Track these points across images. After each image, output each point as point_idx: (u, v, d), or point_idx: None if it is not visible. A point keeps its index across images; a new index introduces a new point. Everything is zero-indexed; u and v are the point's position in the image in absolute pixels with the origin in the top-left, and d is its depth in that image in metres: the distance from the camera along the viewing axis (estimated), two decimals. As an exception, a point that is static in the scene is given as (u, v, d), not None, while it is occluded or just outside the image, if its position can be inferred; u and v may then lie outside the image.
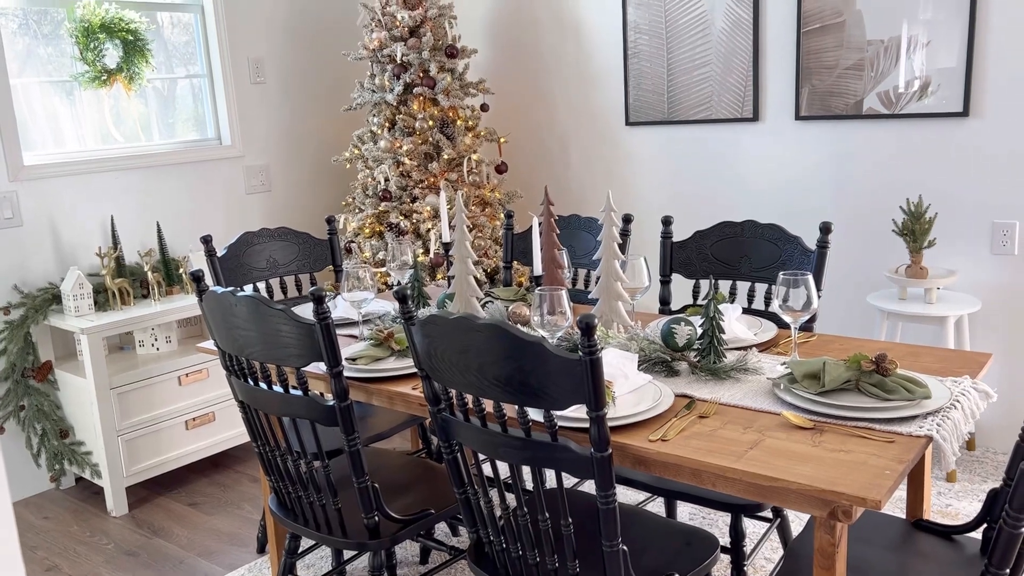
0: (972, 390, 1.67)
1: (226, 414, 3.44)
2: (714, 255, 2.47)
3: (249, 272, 2.75)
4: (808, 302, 1.79)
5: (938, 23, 3.02)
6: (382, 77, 3.82)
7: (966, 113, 3.03)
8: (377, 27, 3.81)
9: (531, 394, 1.48)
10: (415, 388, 1.91)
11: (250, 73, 3.88)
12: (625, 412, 1.61)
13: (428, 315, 1.58)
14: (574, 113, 4.07)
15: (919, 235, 2.96)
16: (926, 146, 3.14)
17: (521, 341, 1.44)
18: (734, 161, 3.60)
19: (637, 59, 3.79)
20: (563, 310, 1.86)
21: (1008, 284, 3.06)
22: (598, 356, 1.40)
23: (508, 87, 4.26)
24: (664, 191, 3.84)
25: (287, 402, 1.87)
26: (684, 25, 3.62)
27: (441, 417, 1.69)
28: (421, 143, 3.80)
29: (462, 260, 2.19)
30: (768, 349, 2.01)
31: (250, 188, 3.92)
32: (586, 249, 2.77)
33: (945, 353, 1.90)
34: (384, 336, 2.10)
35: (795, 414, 1.59)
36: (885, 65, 3.16)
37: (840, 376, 1.63)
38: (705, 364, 1.83)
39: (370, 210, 3.84)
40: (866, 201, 3.31)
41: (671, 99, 3.72)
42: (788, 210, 3.49)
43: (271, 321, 1.79)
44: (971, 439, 3.18)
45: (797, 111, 3.38)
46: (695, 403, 1.69)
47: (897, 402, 1.56)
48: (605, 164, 4.02)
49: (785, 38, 3.37)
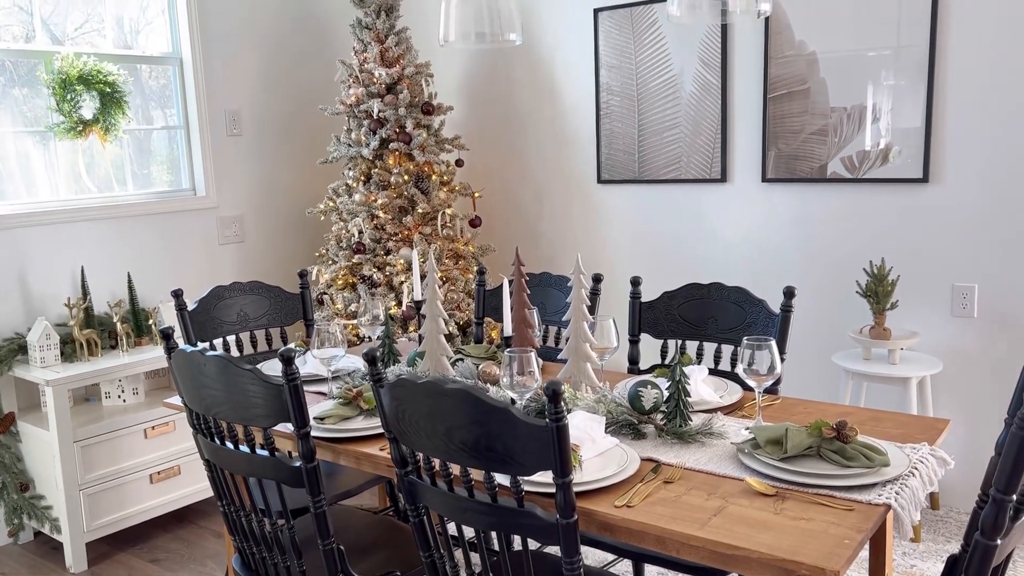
0: (930, 457, 1.70)
1: (192, 467, 3.39)
2: (681, 316, 2.51)
3: (219, 326, 2.74)
4: (772, 367, 1.83)
5: (899, 92, 3.13)
6: (358, 132, 3.87)
7: (926, 179, 3.13)
8: (355, 83, 3.87)
9: (498, 459, 1.49)
10: (383, 449, 1.91)
11: (227, 125, 3.91)
12: (591, 477, 1.63)
13: (397, 378, 1.59)
14: (548, 169, 4.14)
15: (882, 297, 3.03)
16: (888, 210, 3.23)
17: (488, 406, 1.45)
18: (703, 220, 3.68)
19: (609, 119, 3.88)
20: (532, 370, 1.88)
21: (968, 346, 3.13)
22: (564, 423, 1.41)
23: (483, 143, 4.33)
24: (635, 248, 3.90)
25: (253, 462, 1.85)
26: (655, 88, 3.71)
27: (408, 480, 1.69)
28: (396, 197, 3.84)
29: (433, 319, 2.21)
30: (733, 412, 2.04)
31: (223, 239, 3.93)
32: (557, 307, 2.80)
33: (905, 419, 1.94)
34: (353, 395, 2.10)
35: (758, 480, 1.61)
36: (848, 131, 3.26)
37: (802, 442, 1.66)
38: (671, 427, 1.85)
39: (343, 262, 3.86)
40: (831, 262, 3.38)
41: (642, 159, 3.81)
42: (756, 269, 3.56)
43: (239, 381, 1.78)
44: (935, 498, 3.22)
45: (764, 173, 3.47)
46: (661, 467, 1.71)
47: (857, 469, 1.59)
48: (577, 220, 4.08)
49: (752, 103, 3.47)
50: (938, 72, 3.06)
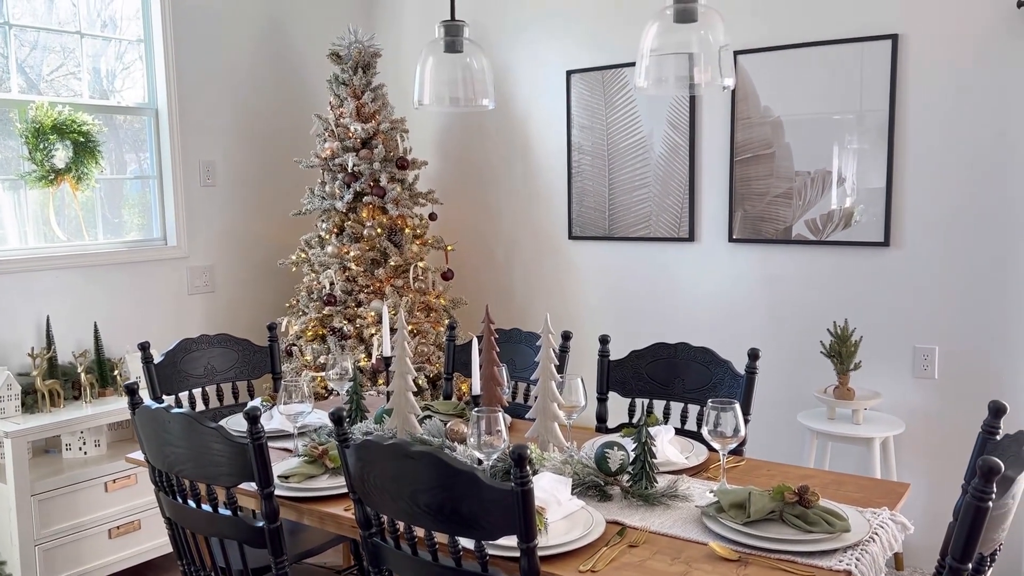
0: (890, 522, 1.72)
1: (152, 521, 3.32)
2: (649, 375, 2.53)
3: (186, 379, 2.72)
4: (736, 429, 1.85)
5: (861, 157, 3.23)
6: (333, 185, 3.90)
7: (887, 243, 3.21)
8: (330, 137, 3.91)
9: (463, 523, 1.49)
10: (347, 509, 1.90)
11: (201, 175, 3.92)
12: (557, 540, 1.63)
13: (362, 440, 1.59)
14: (520, 224, 4.19)
15: (845, 357, 3.09)
16: (851, 272, 3.30)
17: (454, 470, 1.46)
18: (672, 278, 3.73)
19: (580, 177, 3.95)
20: (499, 430, 1.88)
21: (929, 407, 3.18)
22: (530, 487, 1.42)
23: (457, 197, 4.38)
24: (605, 303, 3.94)
25: (215, 521, 1.83)
26: (625, 148, 3.80)
27: (372, 543, 1.68)
28: (368, 249, 3.85)
29: (401, 375, 2.21)
30: (699, 474, 2.05)
31: (193, 289, 3.91)
32: (526, 363, 2.81)
33: (867, 482, 1.97)
34: (318, 453, 2.09)
35: (721, 545, 1.62)
36: (812, 195, 3.35)
37: (765, 507, 1.68)
38: (637, 490, 1.86)
39: (313, 313, 3.85)
40: (796, 322, 3.44)
41: (612, 216, 3.87)
42: (723, 327, 3.61)
43: (204, 439, 1.77)
44: (899, 559, 3.24)
45: (730, 234, 3.55)
46: (626, 531, 1.71)
47: (818, 535, 1.61)
48: (549, 275, 4.12)
49: (719, 165, 3.56)
50: (897, 138, 3.16)
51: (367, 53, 3.94)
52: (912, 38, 3.10)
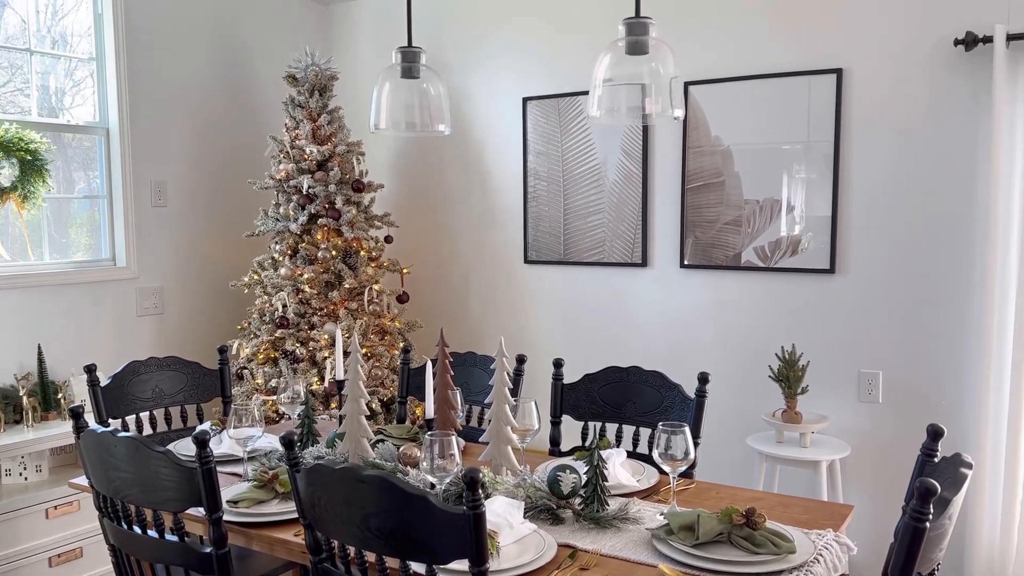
0: (834, 543, 1.76)
1: (95, 549, 3.23)
2: (602, 398, 2.56)
3: (133, 402, 2.67)
4: (686, 452, 1.88)
5: (807, 186, 3.32)
6: (287, 206, 3.88)
7: (832, 270, 3.30)
8: (285, 159, 3.90)
9: (414, 548, 1.48)
10: (297, 535, 1.88)
11: (152, 195, 3.87)
12: (508, 565, 1.63)
13: (313, 463, 1.58)
14: (476, 248, 4.21)
15: (793, 382, 3.15)
16: (798, 298, 3.38)
17: (406, 494, 1.46)
18: (625, 302, 3.78)
19: (536, 203, 3.99)
20: (452, 454, 1.89)
21: (874, 431, 3.26)
22: (482, 511, 1.43)
23: (413, 221, 4.39)
24: (559, 327, 3.97)
25: (161, 548, 1.80)
26: (580, 175, 3.85)
27: (322, 568, 1.67)
28: (323, 271, 3.83)
29: (354, 399, 2.20)
30: (649, 496, 2.08)
31: (142, 310, 3.84)
32: (481, 386, 2.82)
33: (812, 504, 2.01)
34: (268, 477, 2.06)
35: (670, 567, 1.64)
36: (760, 223, 3.43)
37: (713, 529, 1.70)
38: (588, 512, 1.87)
39: (266, 336, 3.81)
40: (745, 346, 3.51)
41: (567, 241, 3.91)
42: (675, 351, 3.66)
43: (151, 463, 1.74)
44: (846, 580, 3.29)
45: (682, 260, 3.61)
46: (577, 554, 1.72)
47: (765, 556, 1.64)
48: (504, 298, 4.14)
49: (671, 193, 3.63)
50: (842, 168, 3.26)
51: (324, 76, 3.94)
52: (856, 72, 3.22)
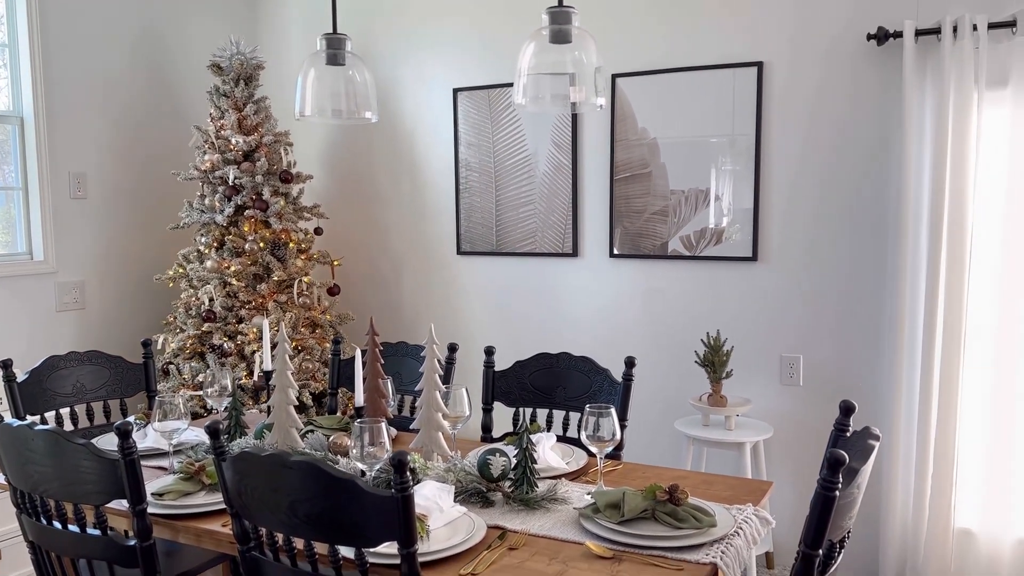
0: (754, 517, 1.83)
1: (13, 552, 3.12)
2: (532, 384, 2.59)
3: (52, 398, 2.59)
4: (612, 434, 1.93)
5: (731, 178, 3.42)
6: (212, 198, 3.80)
7: (755, 258, 3.40)
8: (210, 149, 3.82)
9: (343, 532, 1.49)
10: (225, 525, 1.86)
11: (71, 187, 3.75)
12: (438, 546, 1.65)
13: (239, 451, 1.57)
14: (408, 239, 4.20)
15: (718, 366, 3.24)
16: (722, 286, 3.48)
17: (333, 479, 1.46)
18: (556, 292, 3.83)
19: (468, 194, 4.00)
20: (383, 441, 1.89)
21: (795, 413, 3.38)
22: (410, 493, 1.44)
23: (343, 212, 4.35)
24: (492, 317, 4.00)
25: (83, 542, 1.76)
26: (511, 166, 3.88)
27: (250, 557, 1.66)
28: (250, 264, 3.77)
29: (283, 390, 2.19)
30: (578, 478, 2.12)
31: (62, 305, 3.72)
32: (413, 376, 2.82)
33: (734, 482, 2.08)
34: (195, 469, 2.04)
35: (596, 544, 1.68)
36: (686, 212, 3.51)
37: (638, 506, 1.75)
38: (518, 494, 1.90)
39: (192, 330, 3.74)
40: (673, 333, 3.59)
41: (499, 232, 3.94)
42: (605, 339, 3.72)
43: (71, 456, 1.70)
44: (770, 557, 3.41)
45: (611, 249, 3.67)
46: (507, 534, 1.75)
47: (687, 531, 1.70)
48: (437, 290, 4.14)
49: (600, 184, 3.69)
50: (763, 160, 3.37)
51: (249, 65, 3.87)
52: (775, 65, 3.32)
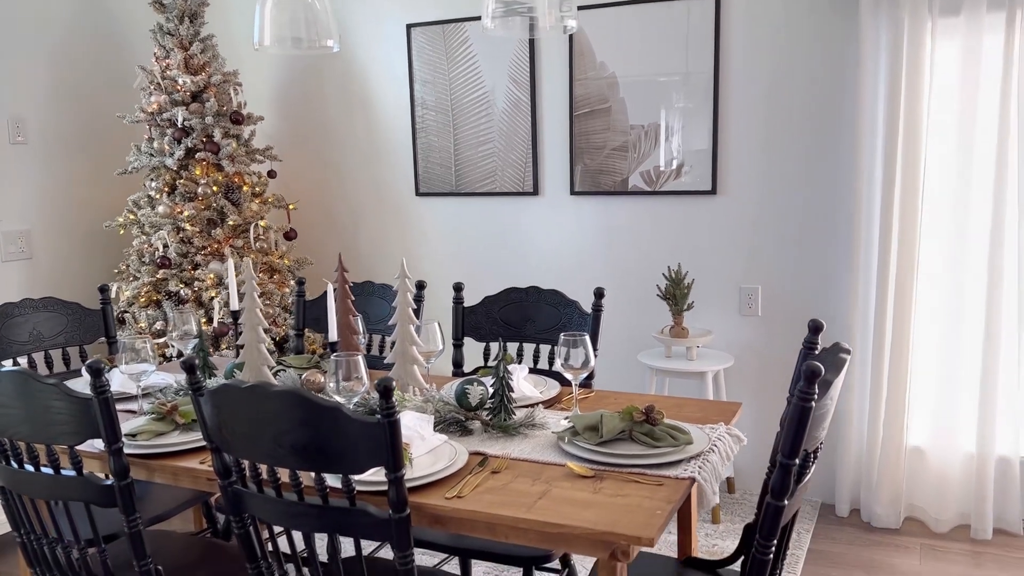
0: (726, 435, 1.89)
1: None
2: (502, 319, 2.60)
3: (8, 346, 2.52)
4: (586, 360, 1.95)
5: (689, 113, 3.43)
6: (161, 141, 3.68)
7: (714, 191, 3.44)
8: (156, 90, 3.69)
9: (329, 460, 1.49)
10: (203, 462, 1.84)
11: (9, 132, 3.59)
12: (422, 472, 1.66)
13: (219, 385, 1.55)
14: (364, 182, 4.14)
15: (679, 299, 3.29)
16: (683, 220, 3.52)
17: (319, 407, 1.46)
18: (518, 231, 3.83)
19: (425, 133, 3.94)
20: (359, 375, 1.89)
21: (754, 341, 3.46)
22: (396, 418, 1.44)
23: (296, 155, 4.26)
24: (453, 259, 3.98)
25: (58, 484, 1.73)
26: (468, 104, 3.83)
27: (232, 491, 1.65)
28: (204, 208, 3.68)
29: (252, 328, 2.16)
30: (552, 406, 2.15)
31: (7, 255, 3.59)
32: (380, 315, 2.81)
33: (704, 404, 2.13)
34: (167, 409, 2.01)
35: (577, 464, 1.71)
36: (646, 148, 3.52)
37: (616, 427, 1.79)
38: (496, 422, 1.92)
39: (147, 278, 3.65)
40: (634, 268, 3.63)
41: (458, 172, 3.90)
42: (567, 276, 3.75)
43: (41, 397, 1.66)
44: (731, 482, 3.52)
45: (572, 187, 3.67)
46: (488, 459, 1.77)
47: (664, 449, 1.74)
48: (395, 232, 4.10)
49: (559, 120, 3.67)
50: (722, 93, 3.38)
51: (194, 1, 3.73)
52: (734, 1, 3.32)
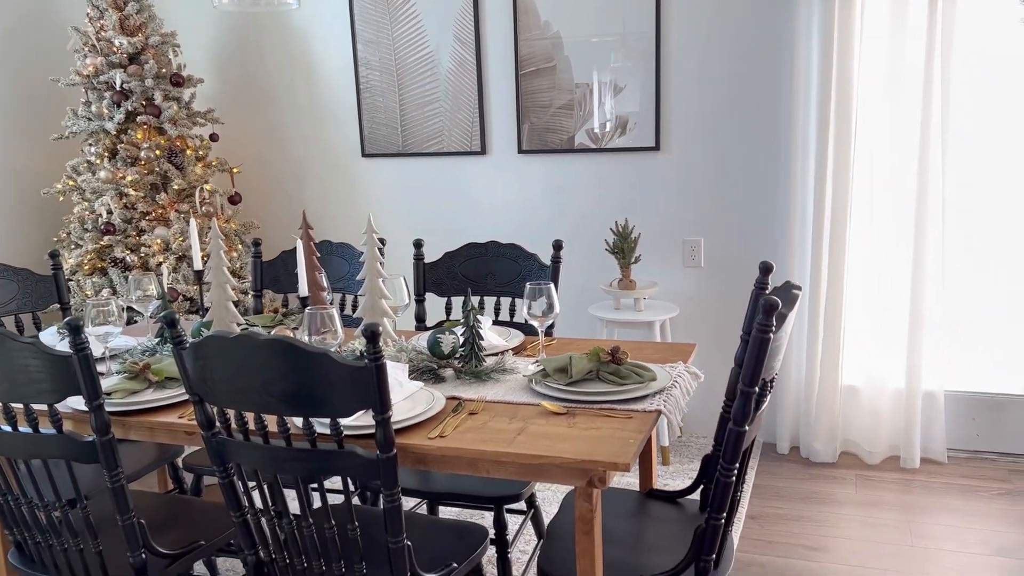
0: (685, 372, 2.00)
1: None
2: (463, 274, 2.67)
3: (-40, 313, 2.47)
4: (551, 307, 2.04)
5: (632, 71, 3.51)
6: (99, 104, 3.60)
7: (658, 147, 3.55)
8: (91, 52, 3.59)
9: (318, 405, 1.54)
10: (183, 416, 1.87)
11: (-65, 96, 3.45)
12: (403, 416, 1.73)
13: (203, 337, 1.58)
14: (309, 144, 4.12)
15: (627, 253, 3.41)
16: (628, 175, 3.62)
17: (308, 354, 1.51)
18: (466, 191, 3.88)
19: (370, 94, 3.94)
20: (334, 329, 1.93)
21: (697, 292, 3.61)
22: (383, 362, 1.50)
23: (238, 117, 4.20)
24: (403, 220, 4.01)
25: (38, 443, 1.74)
26: (413, 63, 3.83)
27: (216, 441, 1.69)
28: (147, 173, 3.63)
29: (220, 286, 2.18)
30: (519, 353, 2.24)
31: (-60, 224, 3.48)
32: (339, 274, 2.84)
33: (662, 346, 2.25)
34: (140, 368, 2.02)
35: (551, 403, 1.81)
36: (591, 106, 3.60)
37: (584, 367, 1.88)
38: (468, 368, 2.00)
39: (91, 245, 3.59)
40: (583, 224, 3.73)
41: (405, 133, 3.92)
42: (516, 235, 3.82)
43: (18, 356, 1.67)
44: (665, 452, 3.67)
45: (519, 145, 3.73)
46: (464, 403, 1.85)
47: (631, 386, 1.84)
48: (343, 194, 4.10)
49: (505, 79, 3.71)
50: (663, 55, 3.47)
51: (128, -41, 3.62)
52: (673, -42, 3.40)
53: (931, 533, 2.82)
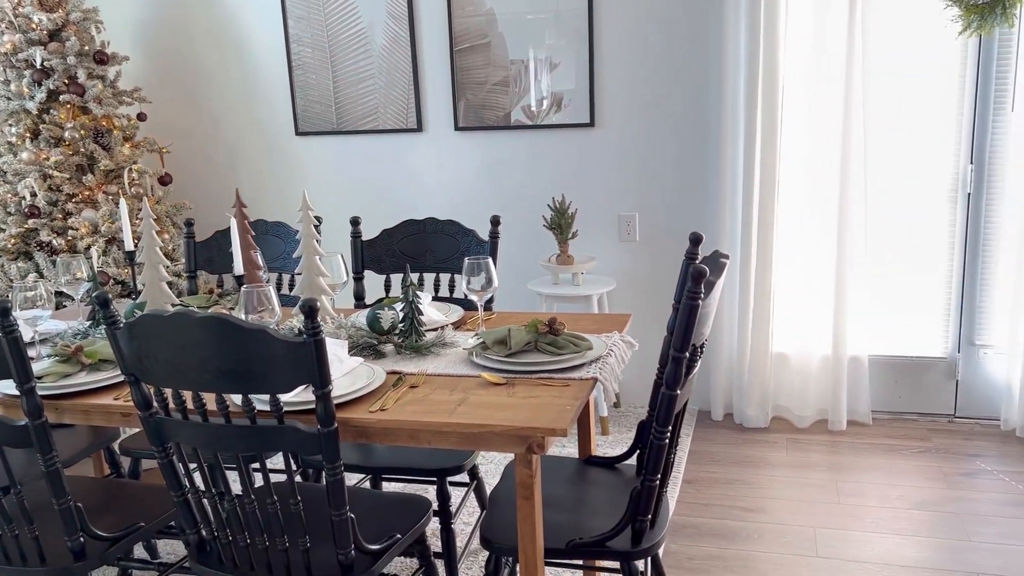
0: (620, 342, 2.06)
1: None
2: (401, 250, 2.68)
3: None
4: (489, 281, 2.07)
5: (565, 49, 3.54)
6: (19, 83, 3.47)
7: (592, 124, 3.59)
8: (8, 28, 3.46)
9: (256, 381, 1.54)
10: (117, 399, 1.85)
11: None
12: (343, 391, 1.74)
13: (138, 316, 1.57)
14: (240, 122, 4.04)
15: (564, 228, 3.45)
16: (564, 151, 3.66)
17: (244, 330, 1.51)
18: (403, 168, 3.87)
19: (302, 71, 3.89)
20: (271, 306, 1.93)
21: (633, 266, 3.68)
22: (322, 337, 1.51)
23: (166, 96, 4.10)
24: (339, 198, 3.98)
25: (-33, 429, 1.70)
26: (345, 40, 3.79)
27: (154, 421, 1.68)
28: (72, 154, 3.52)
29: (153, 266, 2.15)
30: (459, 328, 2.26)
31: None
32: (274, 254, 2.82)
33: (599, 317, 2.30)
34: (72, 351, 1.99)
35: (490, 374, 1.84)
36: (526, 82, 3.62)
37: (522, 339, 1.92)
38: (408, 343, 2.02)
39: (14, 228, 3.48)
40: (520, 200, 3.76)
41: (339, 110, 3.88)
42: (454, 212, 3.83)
43: (-57, 340, 1.62)
44: (617, 399, 3.77)
45: (456, 122, 3.74)
46: (405, 377, 1.87)
47: (568, 355, 1.89)
48: (276, 173, 4.05)
49: (440, 56, 3.70)
50: (596, 32, 3.51)
51: (45, -69, 3.49)
52: (604, -66, 3.43)
53: (857, 491, 2.96)
